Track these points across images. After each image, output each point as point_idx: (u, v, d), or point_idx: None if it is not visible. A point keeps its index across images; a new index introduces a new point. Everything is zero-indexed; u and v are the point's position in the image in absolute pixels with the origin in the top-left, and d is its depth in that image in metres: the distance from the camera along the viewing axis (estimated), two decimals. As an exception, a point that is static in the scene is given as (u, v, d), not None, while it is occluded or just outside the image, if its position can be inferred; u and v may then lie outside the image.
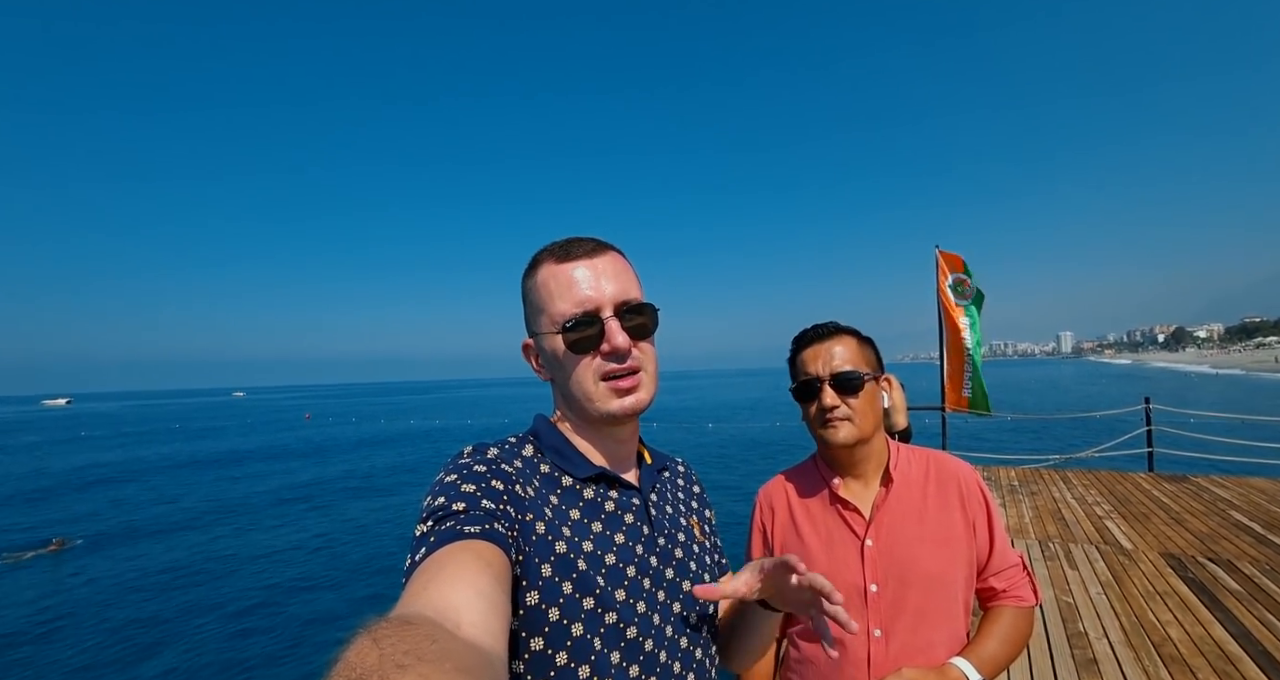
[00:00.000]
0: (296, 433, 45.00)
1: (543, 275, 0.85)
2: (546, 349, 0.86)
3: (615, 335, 0.82)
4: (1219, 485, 7.15)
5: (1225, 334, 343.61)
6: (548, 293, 0.84)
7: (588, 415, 0.86)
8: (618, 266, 0.87)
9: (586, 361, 0.83)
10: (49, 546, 14.53)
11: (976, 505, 1.26)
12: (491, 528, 0.67)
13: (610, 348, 0.82)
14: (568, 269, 0.83)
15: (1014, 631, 1.23)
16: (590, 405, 0.84)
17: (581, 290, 0.82)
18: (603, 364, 0.83)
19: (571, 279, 0.83)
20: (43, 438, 48.14)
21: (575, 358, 0.83)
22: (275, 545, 14.50)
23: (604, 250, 0.87)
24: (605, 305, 0.83)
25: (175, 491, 22.08)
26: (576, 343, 0.82)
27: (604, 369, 0.83)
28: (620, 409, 0.83)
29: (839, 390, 1.23)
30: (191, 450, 35.79)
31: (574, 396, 0.85)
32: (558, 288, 0.83)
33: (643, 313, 0.86)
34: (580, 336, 0.82)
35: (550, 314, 0.83)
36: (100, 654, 9.07)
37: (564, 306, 0.82)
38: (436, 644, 0.41)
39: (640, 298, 0.87)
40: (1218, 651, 3.21)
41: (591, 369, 0.83)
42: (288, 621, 9.98)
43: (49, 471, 28.33)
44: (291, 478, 24.26)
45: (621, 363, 0.83)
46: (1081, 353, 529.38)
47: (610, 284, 0.84)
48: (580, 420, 0.88)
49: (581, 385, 0.83)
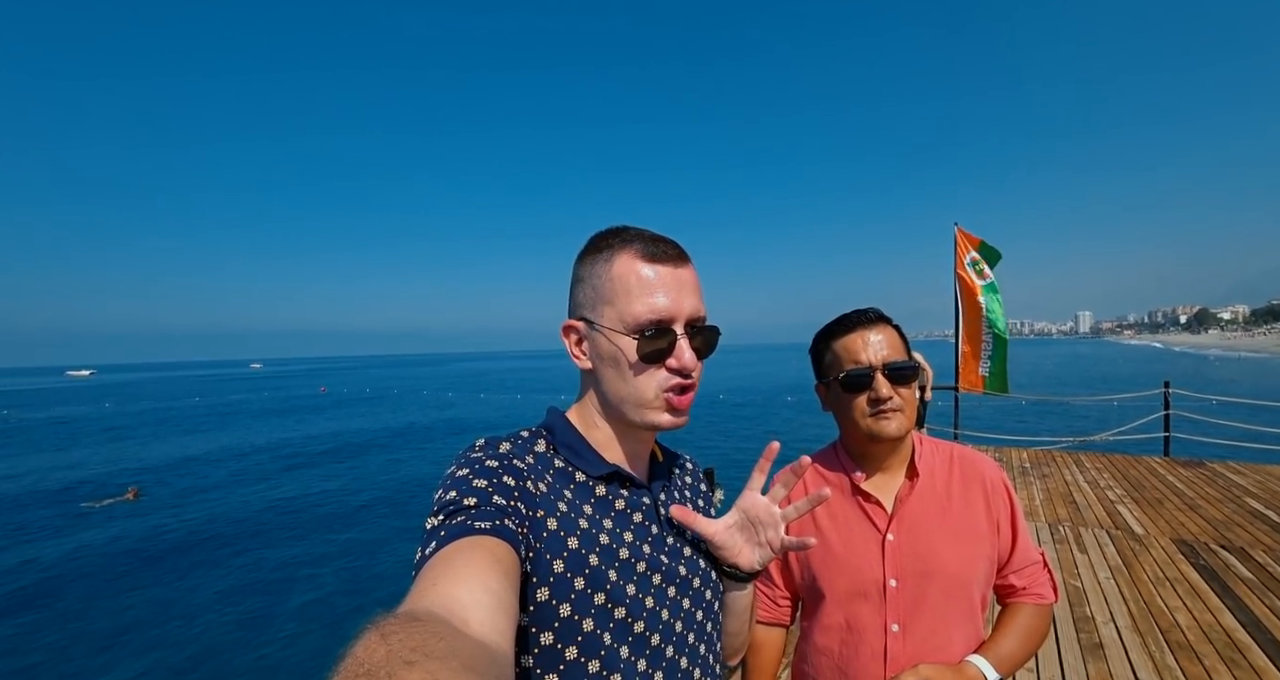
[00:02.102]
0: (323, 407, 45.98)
1: (623, 267, 0.81)
2: (604, 344, 0.83)
3: (685, 353, 0.81)
4: (1236, 471, 7.07)
5: (1250, 316, 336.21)
6: (625, 288, 0.80)
7: (627, 418, 0.84)
8: (696, 282, 0.85)
9: (651, 371, 0.81)
10: (126, 495, 15.97)
11: (1001, 504, 1.23)
12: (502, 524, 0.66)
13: (679, 364, 0.81)
14: (653, 270, 0.81)
15: (1032, 629, 1.22)
16: (639, 412, 0.83)
17: (663, 299, 0.80)
18: (667, 377, 0.82)
19: (656, 284, 0.80)
20: (78, 409, 49.91)
21: (642, 366, 0.81)
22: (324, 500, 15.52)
23: (687, 261, 0.85)
24: (681, 319, 0.81)
25: (228, 450, 23.91)
26: (650, 353, 0.80)
27: (668, 382, 0.82)
28: (670, 424, 0.84)
29: (892, 381, 1.19)
30: (223, 419, 38.12)
31: (622, 398, 0.83)
32: (639, 287, 0.80)
33: (709, 333, 0.86)
34: (654, 348, 0.80)
35: (622, 312, 0.80)
36: (185, 589, 10.02)
37: (641, 310, 0.79)
38: (444, 641, 0.41)
39: (706, 317, 0.86)
40: (1225, 639, 3.21)
41: (656, 380, 0.82)
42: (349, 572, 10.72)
43: (93, 435, 30.28)
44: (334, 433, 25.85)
45: (685, 379, 0.82)
46: (1100, 333, 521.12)
47: (689, 299, 0.82)
48: (613, 418, 0.87)
49: (639, 393, 0.82)
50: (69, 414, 44.24)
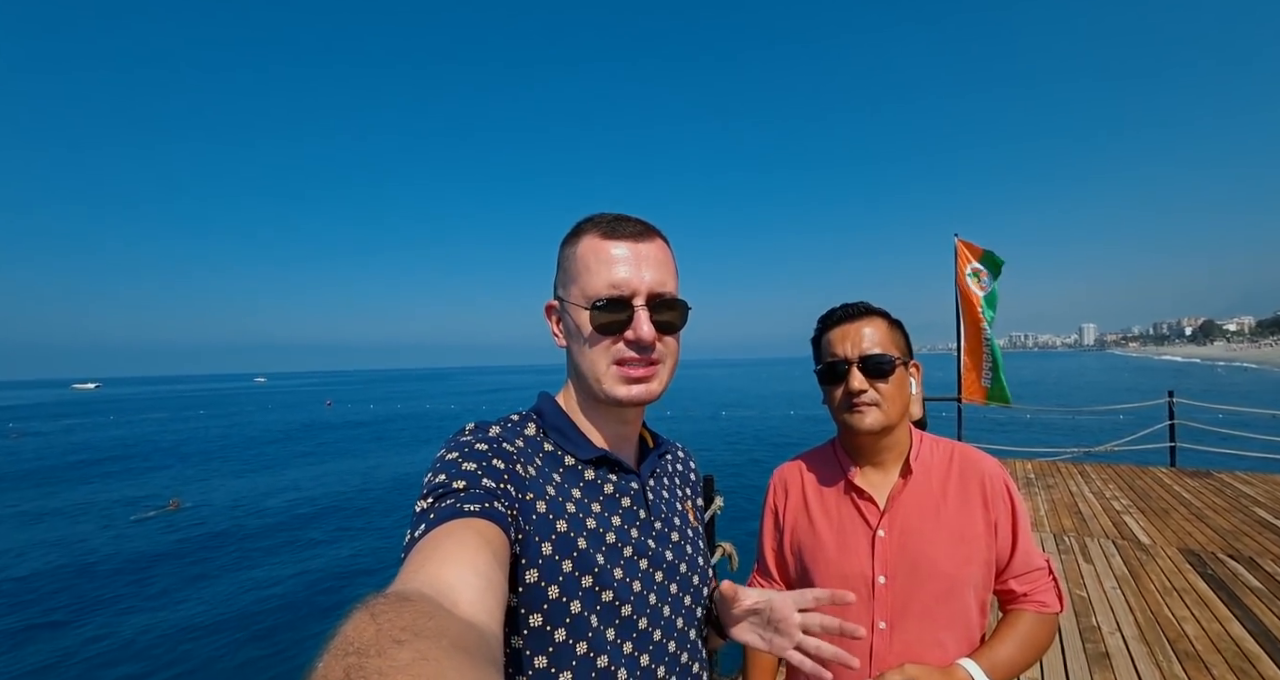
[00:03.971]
0: (325, 417, 45.99)
1: (585, 246, 0.83)
2: (570, 319, 0.85)
3: (642, 325, 0.81)
4: (1244, 481, 7.00)
5: (1257, 327, 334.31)
6: (584, 265, 0.82)
7: (593, 393, 0.85)
8: (661, 256, 0.85)
9: (607, 343, 0.82)
10: (168, 506, 16.19)
11: (1001, 504, 1.19)
12: (491, 506, 0.67)
13: (635, 336, 0.81)
14: (610, 246, 0.82)
15: (1031, 637, 1.16)
16: (598, 386, 0.83)
17: (619, 272, 0.81)
18: (622, 350, 0.82)
19: (612, 257, 0.81)
20: (85, 419, 50.13)
21: (598, 337, 0.82)
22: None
23: (651, 236, 0.85)
24: (640, 293, 0.81)
25: (253, 464, 24.12)
26: (603, 325, 0.81)
27: (622, 355, 0.82)
28: (627, 396, 0.83)
29: (868, 374, 1.17)
30: (232, 430, 38.24)
31: (583, 373, 0.85)
32: (596, 263, 0.81)
33: (674, 308, 0.85)
34: (608, 319, 0.81)
35: (583, 287, 0.82)
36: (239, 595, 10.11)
37: (598, 284, 0.81)
38: (433, 620, 0.42)
39: (675, 292, 0.86)
40: (1235, 649, 3.17)
41: (610, 352, 0.82)
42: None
43: (106, 445, 30.60)
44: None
45: (642, 354, 0.82)
46: (1105, 345, 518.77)
47: (650, 272, 0.82)
48: (585, 396, 0.88)
49: (594, 365, 0.83)
50: (79, 426, 44.37)
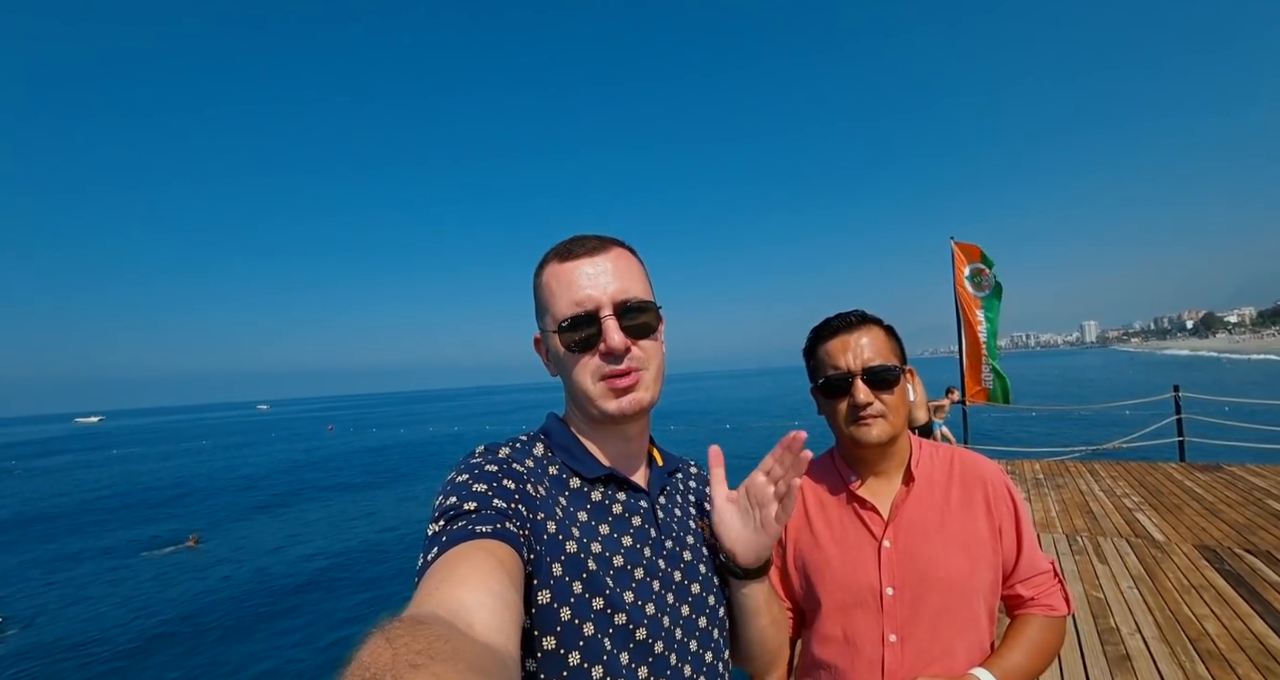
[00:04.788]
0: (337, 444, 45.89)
1: (546, 274, 0.85)
2: (551, 347, 0.86)
3: (611, 335, 0.80)
4: (1255, 474, 6.93)
5: (1258, 318, 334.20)
6: (550, 292, 0.84)
7: (589, 414, 0.86)
8: (620, 264, 0.85)
9: (585, 361, 0.82)
10: (187, 542, 16.02)
11: (1004, 508, 1.17)
12: (504, 527, 0.67)
13: (607, 348, 0.81)
14: (569, 268, 0.83)
15: (1041, 642, 1.15)
16: (590, 405, 0.84)
17: (580, 290, 0.81)
18: (601, 364, 0.82)
19: (571, 279, 0.82)
20: (94, 455, 49.97)
21: (575, 357, 0.83)
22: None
23: (606, 248, 0.85)
24: (604, 304, 0.81)
25: (266, 492, 24.30)
26: (574, 343, 0.82)
27: (602, 369, 0.82)
28: (618, 409, 0.82)
29: (872, 386, 1.14)
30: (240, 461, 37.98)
31: (576, 395, 0.85)
32: (559, 287, 0.83)
33: (644, 311, 0.84)
34: (577, 337, 0.81)
35: (552, 313, 0.83)
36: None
37: (563, 306, 0.82)
38: (449, 643, 0.41)
39: (642, 296, 0.85)
40: (1258, 646, 3.10)
41: (590, 369, 0.82)
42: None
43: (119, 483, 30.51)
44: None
45: (619, 363, 0.82)
46: (1106, 342, 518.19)
47: (612, 283, 0.82)
48: (583, 418, 0.88)
49: (580, 384, 0.83)
50: (82, 462, 44.21)
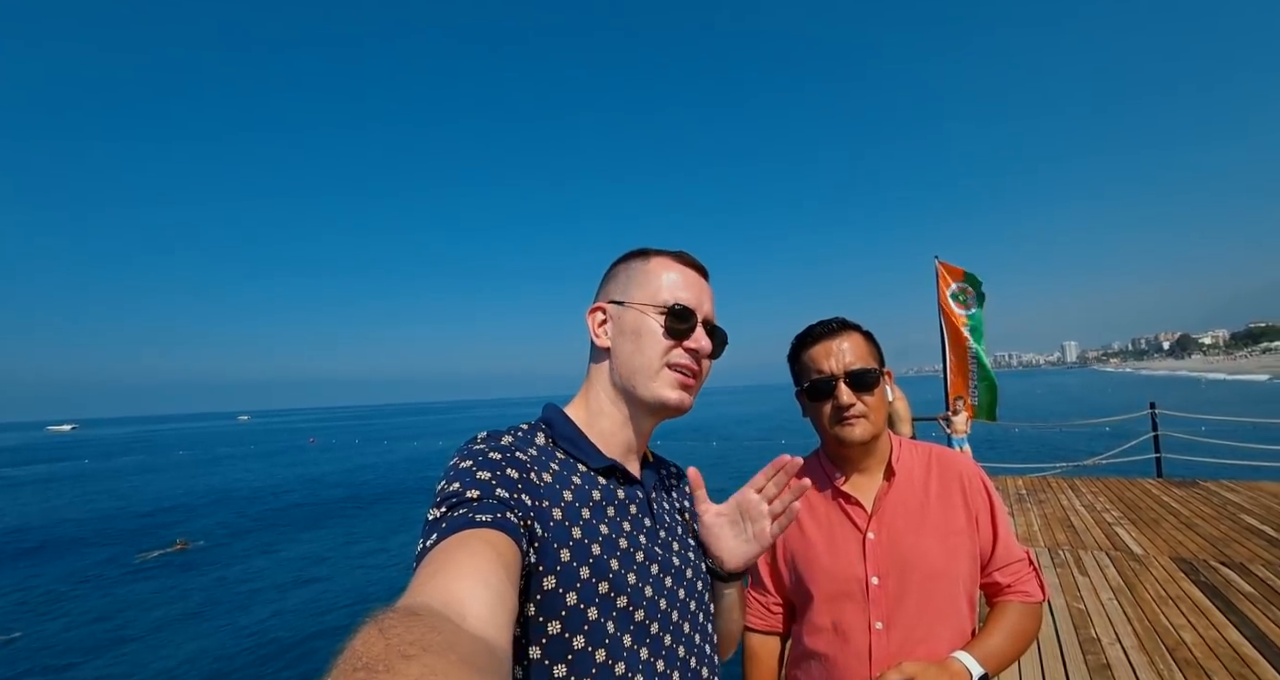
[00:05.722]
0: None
1: (658, 264, 0.93)
2: (630, 319, 0.91)
3: (703, 337, 0.92)
4: (1229, 489, 7.09)
5: (1231, 339, 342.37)
6: (659, 279, 0.92)
7: (636, 393, 0.89)
8: (712, 292, 0.98)
9: (668, 346, 0.89)
10: (174, 546, 15.71)
11: (979, 499, 1.25)
12: (504, 517, 0.67)
13: (695, 345, 0.90)
14: (685, 270, 0.94)
15: (1020, 627, 1.22)
16: (646, 385, 0.89)
17: (690, 291, 0.92)
18: (680, 355, 0.90)
19: (685, 278, 0.93)
20: (62, 464, 48.29)
21: (662, 340, 0.89)
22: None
23: (708, 276, 0.98)
24: (701, 313, 0.92)
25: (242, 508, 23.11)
26: (673, 329, 0.89)
27: (678, 360, 0.89)
28: (675, 400, 0.90)
29: (854, 387, 1.22)
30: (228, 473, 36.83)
31: (636, 369, 0.89)
32: (670, 280, 0.92)
33: (719, 337, 0.97)
34: (680, 325, 0.89)
35: (654, 294, 0.90)
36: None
37: (671, 295, 0.90)
38: (442, 635, 0.42)
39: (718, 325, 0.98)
40: (1233, 655, 3.18)
41: (668, 355, 0.89)
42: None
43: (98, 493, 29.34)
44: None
45: (695, 363, 0.91)
46: (1086, 362, 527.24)
47: (708, 302, 0.95)
48: (620, 399, 0.92)
49: (649, 364, 0.89)
50: (55, 473, 42.88)
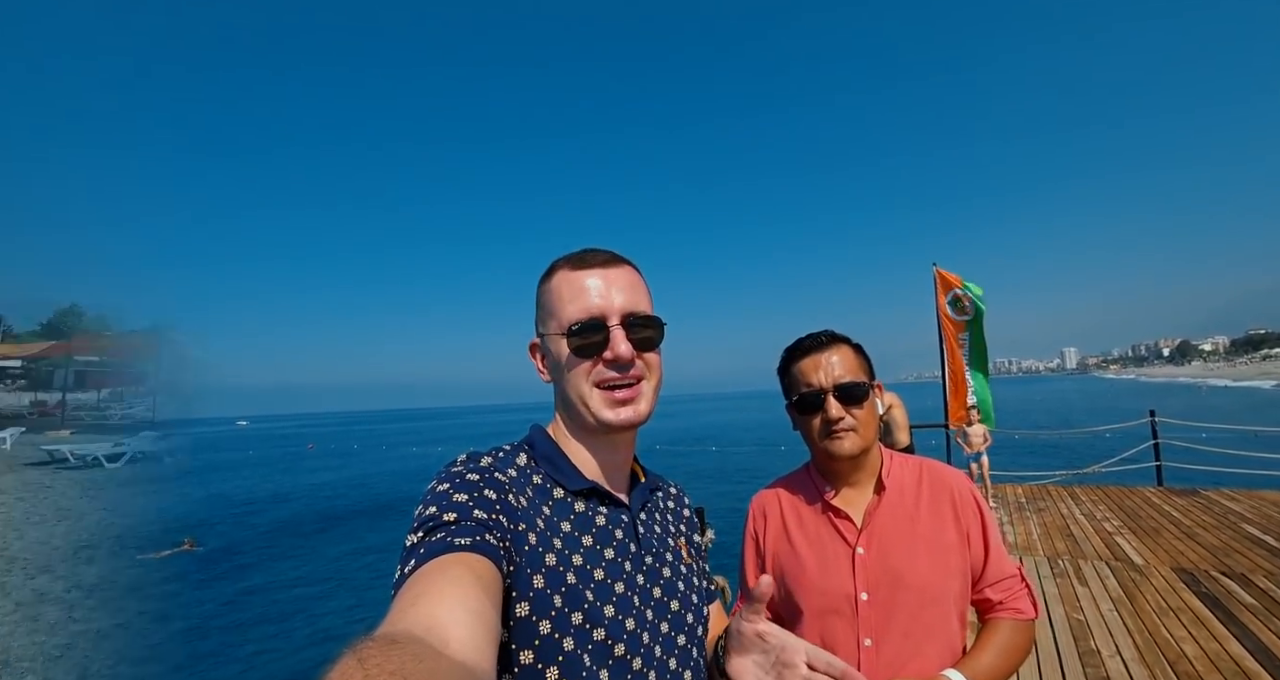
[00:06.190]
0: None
1: (556, 280, 0.87)
2: (551, 351, 0.87)
3: (619, 344, 0.82)
4: (1230, 498, 7.05)
5: (1231, 346, 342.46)
6: (559, 297, 0.85)
7: (583, 421, 0.85)
8: (630, 279, 0.88)
9: (588, 367, 0.83)
10: (183, 546, 15.51)
11: (970, 514, 1.23)
12: (483, 539, 0.65)
13: (613, 355, 0.82)
14: (581, 276, 0.85)
15: (1011, 644, 1.19)
16: (586, 411, 0.84)
17: (591, 298, 0.84)
18: (603, 371, 0.83)
19: (583, 286, 0.84)
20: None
21: (577, 362, 0.83)
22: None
23: (618, 263, 0.89)
24: (613, 314, 0.84)
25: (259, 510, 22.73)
26: (580, 348, 0.83)
27: (604, 377, 0.83)
28: (616, 419, 0.83)
29: (843, 401, 1.21)
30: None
31: (571, 401, 0.85)
32: (569, 293, 0.84)
33: (649, 325, 0.87)
34: (584, 342, 0.83)
35: (559, 317, 0.84)
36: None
37: (572, 311, 0.83)
38: (423, 663, 0.40)
39: (649, 311, 0.88)
40: (1235, 667, 3.14)
41: (591, 375, 0.83)
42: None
43: None
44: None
45: (623, 372, 0.84)
46: (1086, 368, 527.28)
47: (620, 295, 0.85)
48: (576, 426, 0.88)
49: (579, 390, 0.84)
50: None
